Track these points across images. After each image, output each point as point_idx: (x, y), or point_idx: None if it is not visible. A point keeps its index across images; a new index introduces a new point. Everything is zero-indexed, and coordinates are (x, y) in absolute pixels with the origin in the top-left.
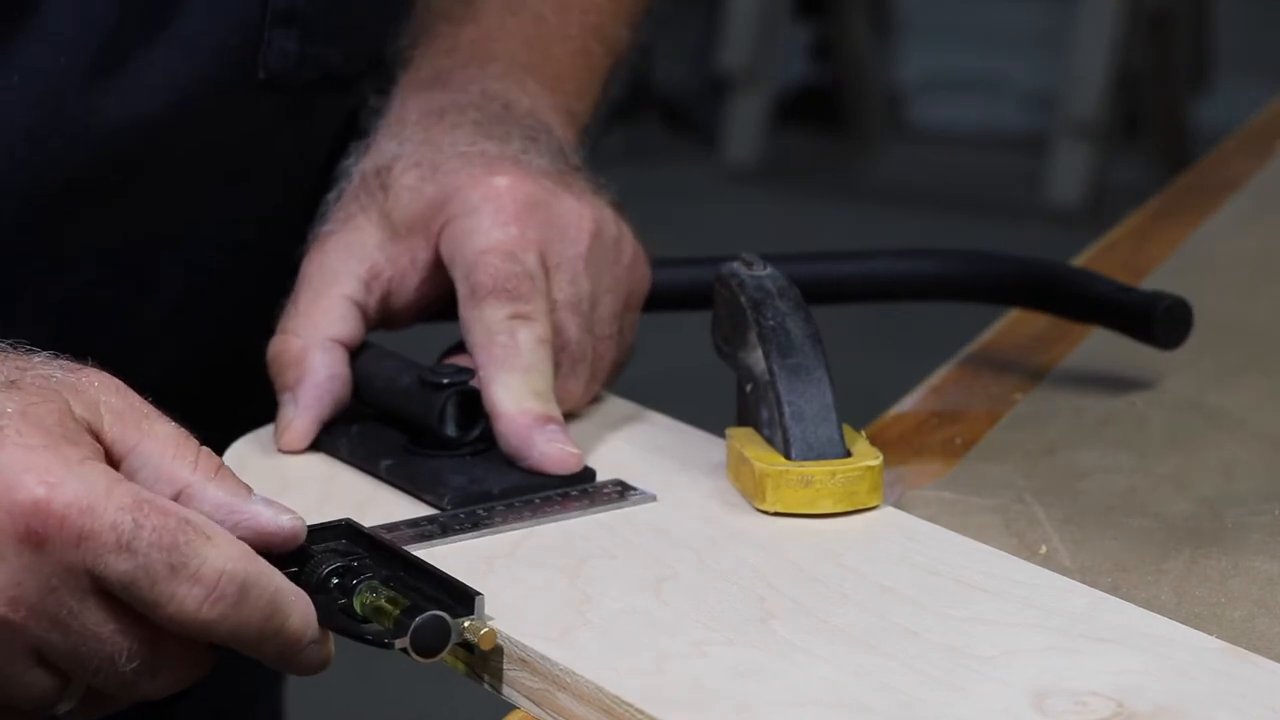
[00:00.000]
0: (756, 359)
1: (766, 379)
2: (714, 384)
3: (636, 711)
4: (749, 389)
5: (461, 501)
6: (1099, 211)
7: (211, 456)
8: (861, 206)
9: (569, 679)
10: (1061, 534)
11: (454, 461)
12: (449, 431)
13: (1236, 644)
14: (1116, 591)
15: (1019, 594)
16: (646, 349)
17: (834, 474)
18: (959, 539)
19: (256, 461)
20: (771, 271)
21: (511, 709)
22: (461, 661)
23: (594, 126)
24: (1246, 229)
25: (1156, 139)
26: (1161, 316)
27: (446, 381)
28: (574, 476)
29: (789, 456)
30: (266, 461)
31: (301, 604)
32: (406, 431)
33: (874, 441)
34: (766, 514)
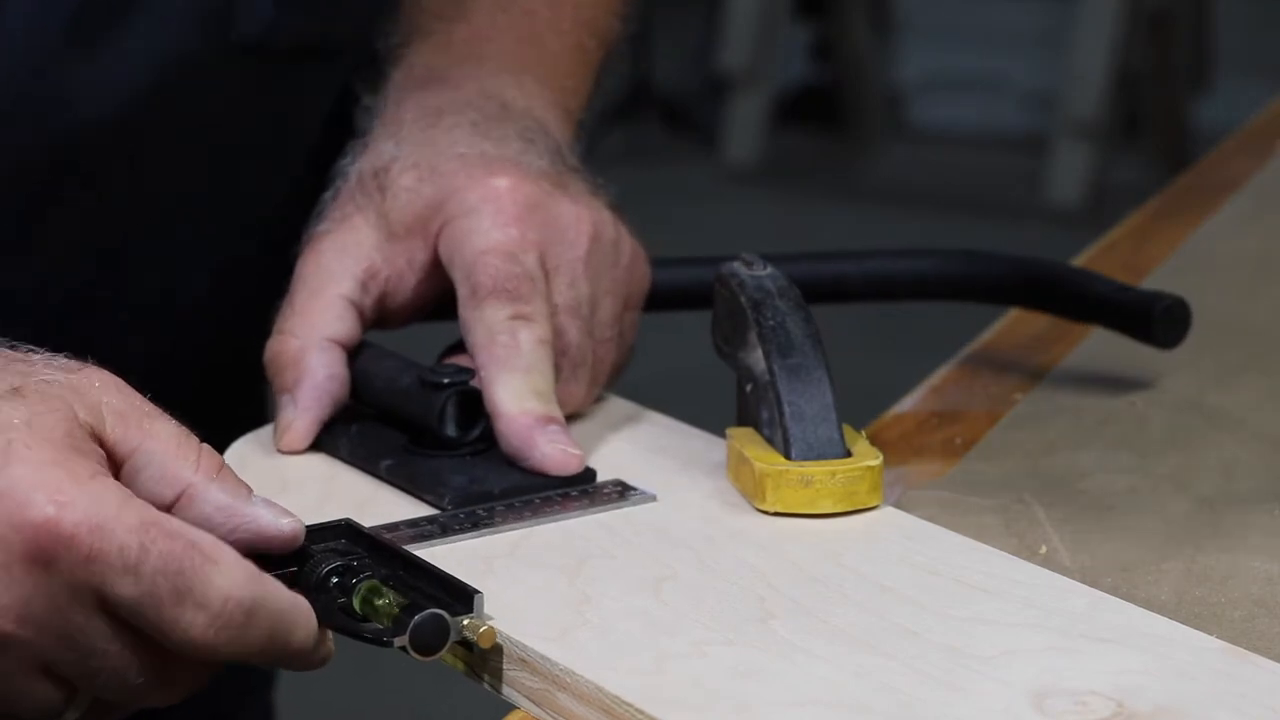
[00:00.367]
0: (756, 359)
1: (766, 379)
2: (714, 384)
3: (636, 711)
4: (749, 389)
5: (462, 501)
6: (1099, 211)
7: (213, 455)
8: (861, 206)
9: (569, 679)
10: (1061, 534)
11: (454, 461)
12: (449, 431)
13: (1236, 644)
14: (1116, 591)
15: (1019, 594)
16: (646, 349)
17: (834, 474)
18: (959, 539)
19: (256, 461)
20: (771, 271)
21: (511, 709)
22: (461, 660)
23: (590, 122)
24: (1246, 229)
25: (1156, 139)
26: (1161, 316)
27: (446, 381)
28: (575, 477)
29: (789, 456)
30: (266, 461)
31: (304, 619)
32: (406, 431)
33: (874, 441)
34: (766, 514)
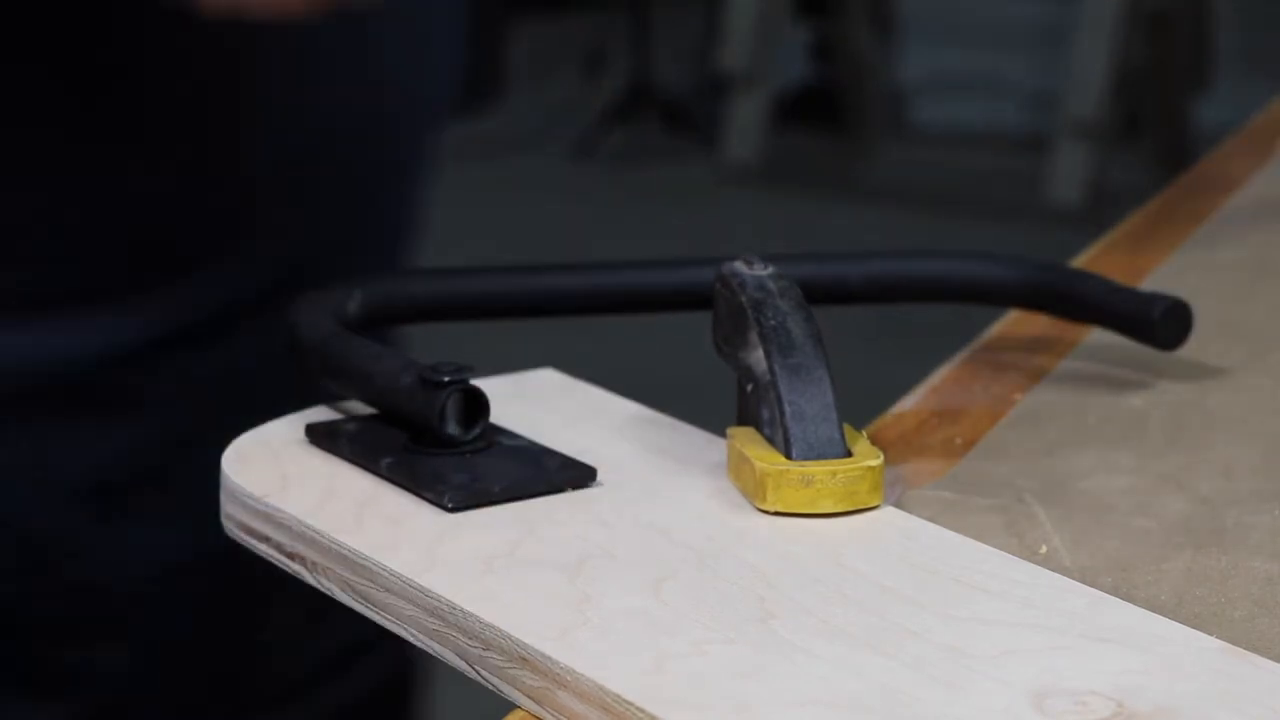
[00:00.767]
0: (757, 359)
1: (767, 379)
2: (714, 384)
3: (637, 710)
4: (749, 389)
5: (463, 500)
6: (1099, 211)
7: None
8: (861, 206)
9: (569, 677)
10: (1061, 534)
11: (455, 460)
12: (450, 430)
13: (1236, 644)
14: (1116, 591)
15: (1019, 594)
16: (647, 349)
17: (835, 474)
18: (959, 539)
19: (257, 460)
20: (772, 271)
21: (512, 708)
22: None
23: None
24: (1246, 229)
25: (1156, 139)
26: (1161, 317)
27: (447, 380)
28: (576, 477)
29: (790, 456)
30: (267, 460)
31: None
32: (407, 430)
33: (874, 441)
34: (767, 514)
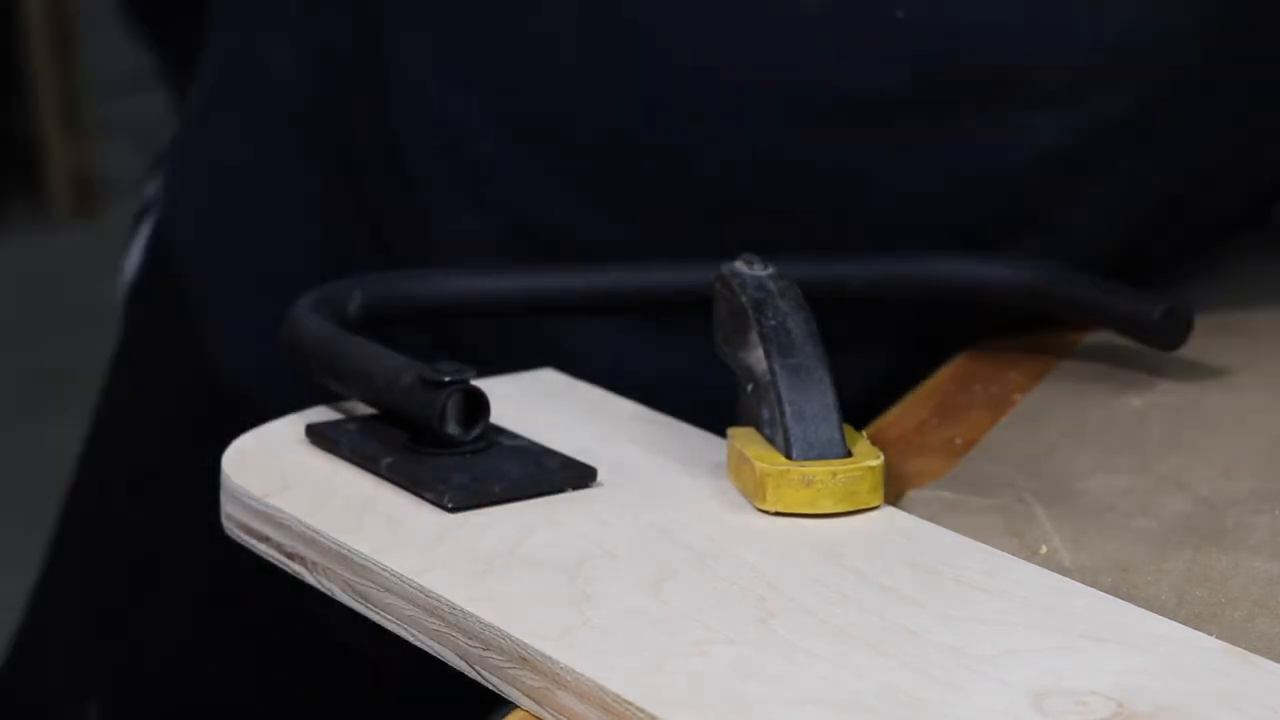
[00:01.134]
0: (757, 359)
1: (767, 379)
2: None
3: (637, 710)
4: (749, 389)
5: (463, 500)
6: None
7: None
8: None
9: (569, 677)
10: (1061, 534)
11: (455, 460)
12: (450, 430)
13: (1236, 644)
14: (1116, 591)
15: (1019, 594)
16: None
17: (835, 474)
18: (959, 539)
19: (257, 460)
20: (772, 271)
21: (512, 708)
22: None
23: None
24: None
25: None
26: (1161, 317)
27: (447, 380)
28: (576, 477)
29: (790, 456)
30: (267, 460)
31: None
32: (407, 430)
33: (874, 441)
34: (767, 514)
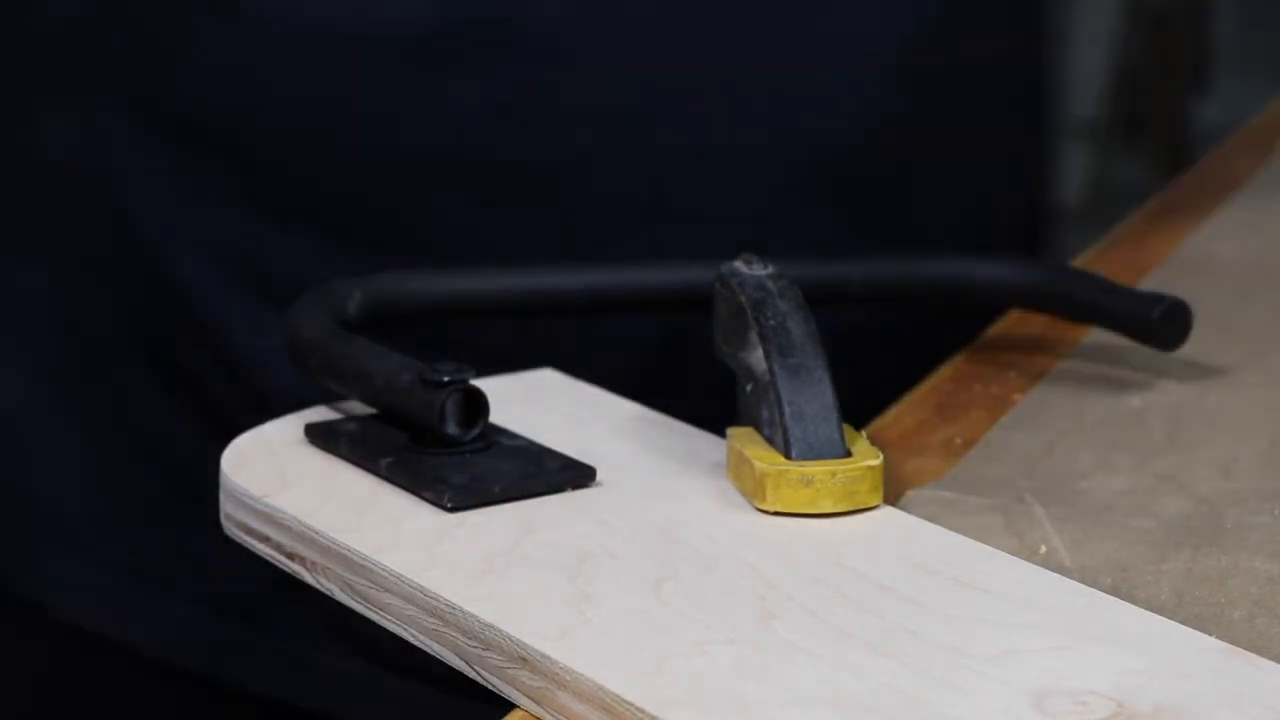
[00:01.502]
0: (757, 359)
1: (767, 379)
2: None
3: (637, 710)
4: (749, 389)
5: (463, 500)
6: (1099, 211)
7: None
8: None
9: (569, 677)
10: (1061, 534)
11: (455, 460)
12: (450, 430)
13: (1236, 644)
14: (1116, 591)
15: (1019, 594)
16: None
17: (834, 474)
18: (959, 539)
19: (257, 460)
20: (772, 271)
21: (512, 708)
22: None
23: None
24: (1246, 229)
25: (1156, 139)
26: (1161, 317)
27: (447, 379)
28: (576, 477)
29: (789, 456)
30: (267, 460)
31: None
32: (407, 430)
33: (874, 441)
34: (766, 514)
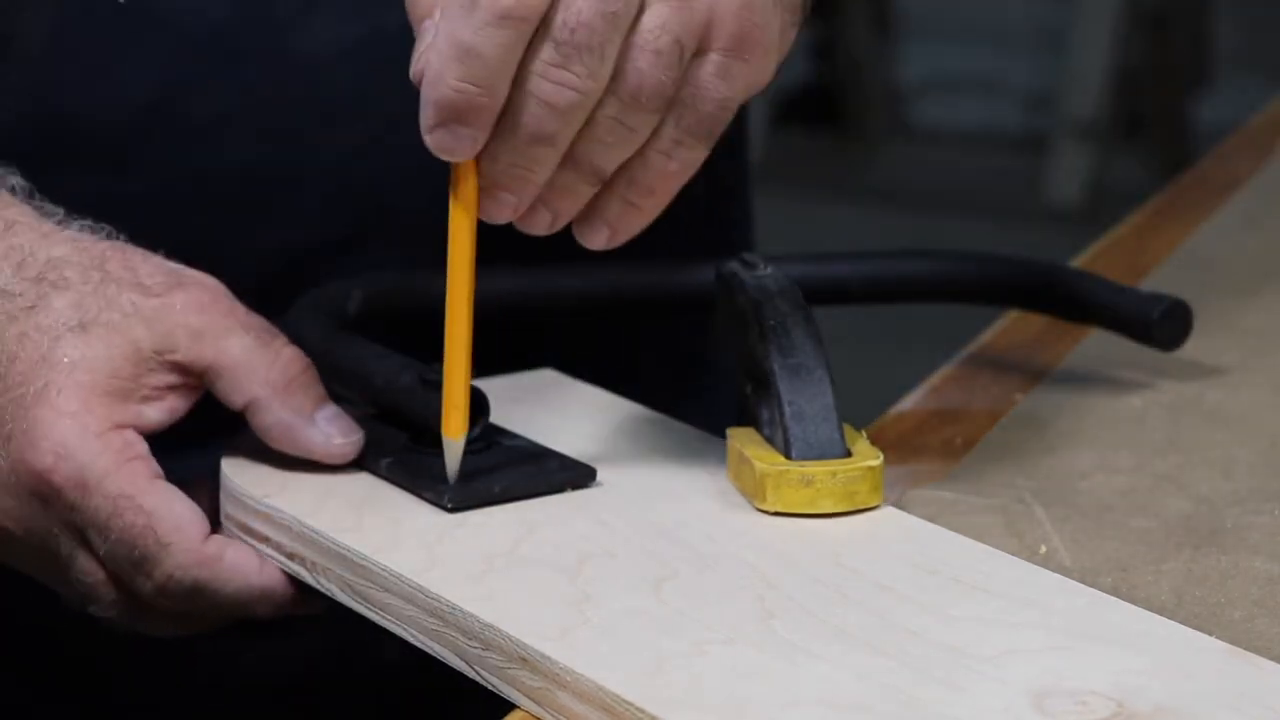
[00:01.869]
0: (757, 359)
1: (767, 379)
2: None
3: (637, 710)
4: (749, 389)
5: (462, 500)
6: (1099, 211)
7: (286, 368)
8: (861, 206)
9: (569, 677)
10: (1061, 534)
11: None
12: None
13: (1236, 644)
14: (1116, 591)
15: (1019, 594)
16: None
17: (834, 474)
18: (959, 539)
19: (257, 460)
20: (772, 271)
21: (512, 708)
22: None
23: None
24: (1246, 229)
25: (1157, 139)
26: (1161, 317)
27: None
28: (576, 477)
29: (789, 456)
30: (266, 460)
31: (260, 596)
32: (407, 430)
33: (874, 441)
34: (767, 514)
